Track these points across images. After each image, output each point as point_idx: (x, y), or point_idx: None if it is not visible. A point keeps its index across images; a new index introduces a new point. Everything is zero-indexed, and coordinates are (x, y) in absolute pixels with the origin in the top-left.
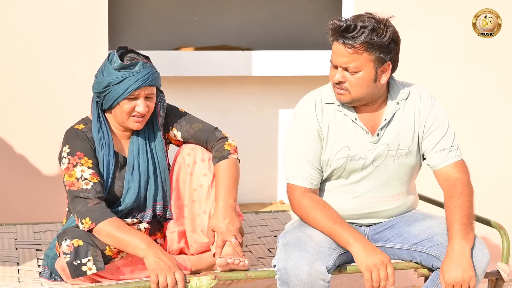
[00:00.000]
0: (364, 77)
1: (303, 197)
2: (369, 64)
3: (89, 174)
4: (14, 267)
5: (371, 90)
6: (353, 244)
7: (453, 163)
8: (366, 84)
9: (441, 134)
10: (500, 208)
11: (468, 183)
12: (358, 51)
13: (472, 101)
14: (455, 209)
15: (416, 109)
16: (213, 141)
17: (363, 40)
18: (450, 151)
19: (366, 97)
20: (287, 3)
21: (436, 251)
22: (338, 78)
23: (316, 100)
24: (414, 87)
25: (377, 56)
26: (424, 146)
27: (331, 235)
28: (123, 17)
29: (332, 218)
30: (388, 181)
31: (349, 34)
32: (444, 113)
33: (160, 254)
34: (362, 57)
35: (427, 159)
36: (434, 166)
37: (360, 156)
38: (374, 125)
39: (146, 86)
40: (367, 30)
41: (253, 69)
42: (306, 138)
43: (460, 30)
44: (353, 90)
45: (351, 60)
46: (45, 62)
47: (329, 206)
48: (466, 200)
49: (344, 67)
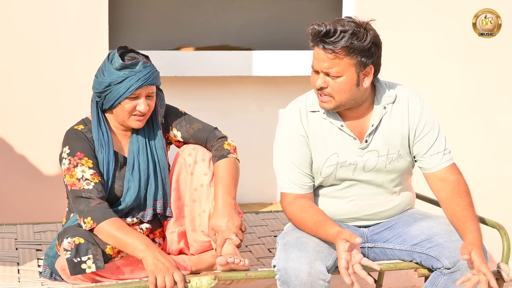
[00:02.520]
0: (346, 81)
1: (288, 205)
2: (351, 68)
3: (90, 174)
4: (14, 267)
5: (354, 95)
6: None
7: (449, 165)
8: (349, 88)
9: (434, 138)
10: (500, 208)
11: (465, 183)
12: (339, 56)
13: (472, 101)
14: (466, 206)
15: (404, 113)
16: (212, 140)
17: (343, 44)
18: (444, 154)
19: (349, 102)
20: (287, 3)
21: (436, 252)
22: (320, 83)
23: (301, 108)
24: (401, 89)
25: (359, 60)
26: (416, 149)
27: (316, 236)
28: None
29: (313, 218)
30: (381, 184)
31: (329, 39)
32: (433, 116)
33: (158, 255)
34: (343, 62)
35: (420, 162)
36: (428, 169)
37: (350, 162)
38: (362, 131)
39: (147, 85)
40: (347, 34)
41: (254, 69)
42: (294, 144)
43: (460, 30)
44: (336, 95)
45: (332, 65)
46: (46, 62)
47: (310, 207)
48: (472, 200)
49: (325, 72)
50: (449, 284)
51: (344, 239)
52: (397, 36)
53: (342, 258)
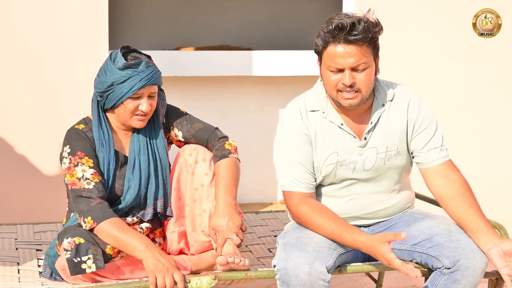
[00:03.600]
0: (371, 72)
1: (300, 204)
2: (371, 57)
3: (90, 173)
4: (14, 267)
5: (373, 84)
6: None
7: (447, 161)
8: (373, 78)
9: (431, 133)
10: (500, 208)
11: (465, 180)
12: (363, 47)
13: (472, 101)
14: (472, 202)
15: (403, 110)
16: (213, 140)
17: (366, 34)
18: (442, 150)
19: (369, 93)
20: (287, 3)
21: (436, 252)
22: (349, 81)
23: (301, 108)
24: (400, 88)
25: (374, 47)
26: (413, 145)
27: (335, 240)
28: (123, 17)
29: (332, 223)
30: (380, 182)
31: (352, 31)
32: (432, 113)
33: (158, 256)
34: (368, 52)
35: (417, 157)
36: (426, 164)
37: (350, 160)
38: (361, 129)
39: (149, 85)
40: (362, 22)
41: (254, 69)
42: (297, 143)
43: (460, 30)
44: (364, 88)
45: (360, 58)
46: (46, 62)
47: (327, 210)
48: (474, 197)
49: (353, 67)
50: (449, 284)
51: (387, 241)
52: (397, 36)
53: (394, 259)
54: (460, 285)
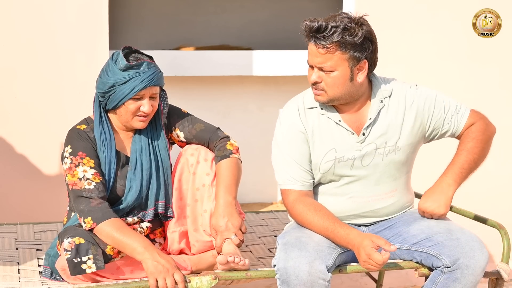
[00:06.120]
0: (339, 76)
1: (296, 202)
2: (344, 63)
3: (91, 174)
4: (14, 267)
5: (348, 89)
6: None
7: (469, 114)
8: (342, 83)
9: (441, 106)
10: (500, 208)
11: (483, 129)
12: (330, 50)
13: (472, 101)
14: (462, 151)
15: (400, 106)
16: (215, 141)
17: (334, 39)
18: (459, 112)
19: (344, 97)
20: (287, 3)
21: (436, 251)
22: (314, 78)
23: (299, 106)
24: (396, 83)
25: (351, 55)
26: (434, 125)
27: (328, 237)
28: (123, 17)
29: (326, 220)
30: (379, 179)
31: (320, 34)
32: (428, 89)
33: (157, 257)
34: (335, 57)
35: (447, 132)
36: (457, 131)
37: (348, 157)
38: (359, 125)
39: (151, 86)
40: (339, 29)
41: (254, 69)
42: (294, 141)
43: (460, 30)
44: (330, 90)
45: (325, 60)
46: (46, 62)
47: (322, 208)
48: (475, 146)
49: (319, 67)
50: (449, 282)
51: (374, 247)
52: (397, 36)
53: (375, 252)
54: (460, 283)
